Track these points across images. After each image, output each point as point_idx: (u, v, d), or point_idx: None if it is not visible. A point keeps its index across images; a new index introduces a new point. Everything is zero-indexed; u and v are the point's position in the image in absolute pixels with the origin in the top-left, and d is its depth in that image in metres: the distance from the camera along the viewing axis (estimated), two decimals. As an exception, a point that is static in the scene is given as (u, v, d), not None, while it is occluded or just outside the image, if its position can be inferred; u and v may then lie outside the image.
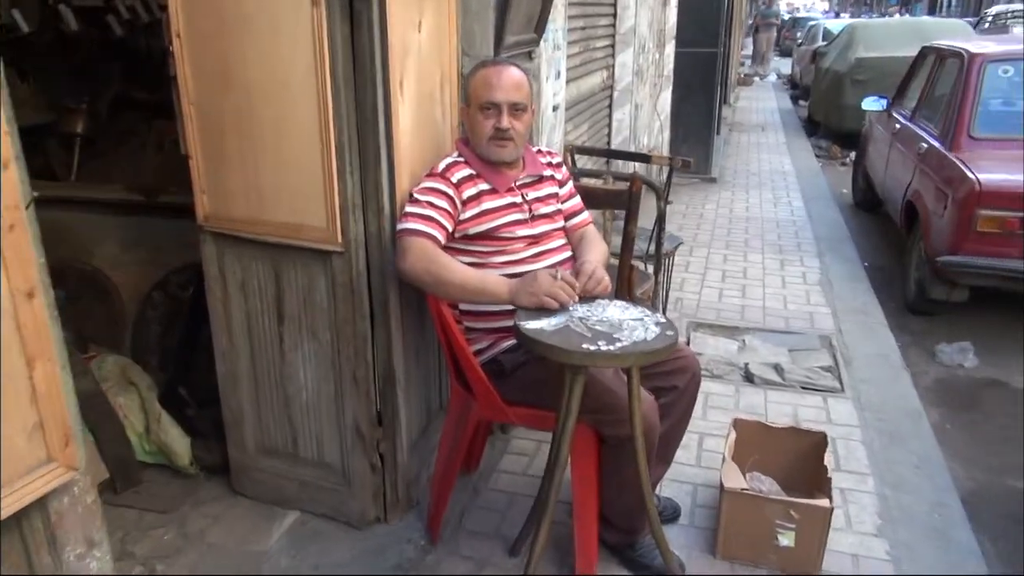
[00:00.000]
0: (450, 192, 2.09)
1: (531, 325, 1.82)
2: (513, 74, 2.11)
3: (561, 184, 2.34)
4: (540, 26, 2.94)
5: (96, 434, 2.64)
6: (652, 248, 3.31)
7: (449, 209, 2.08)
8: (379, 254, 2.18)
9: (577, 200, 2.38)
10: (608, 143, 5.37)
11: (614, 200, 2.62)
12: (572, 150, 3.45)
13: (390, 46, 2.02)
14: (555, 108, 3.39)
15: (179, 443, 2.72)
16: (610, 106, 5.38)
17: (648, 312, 1.93)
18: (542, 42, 3.05)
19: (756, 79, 18.57)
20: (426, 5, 2.22)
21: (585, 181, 3.08)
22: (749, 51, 22.15)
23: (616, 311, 1.92)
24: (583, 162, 4.02)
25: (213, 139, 2.20)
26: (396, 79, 2.07)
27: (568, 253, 2.28)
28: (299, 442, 2.48)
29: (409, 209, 2.07)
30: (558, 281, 1.91)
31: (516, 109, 2.10)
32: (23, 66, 3.62)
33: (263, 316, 2.38)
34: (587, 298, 1.99)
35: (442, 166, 2.14)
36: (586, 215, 2.38)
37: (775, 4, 20.33)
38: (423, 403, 2.60)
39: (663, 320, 1.88)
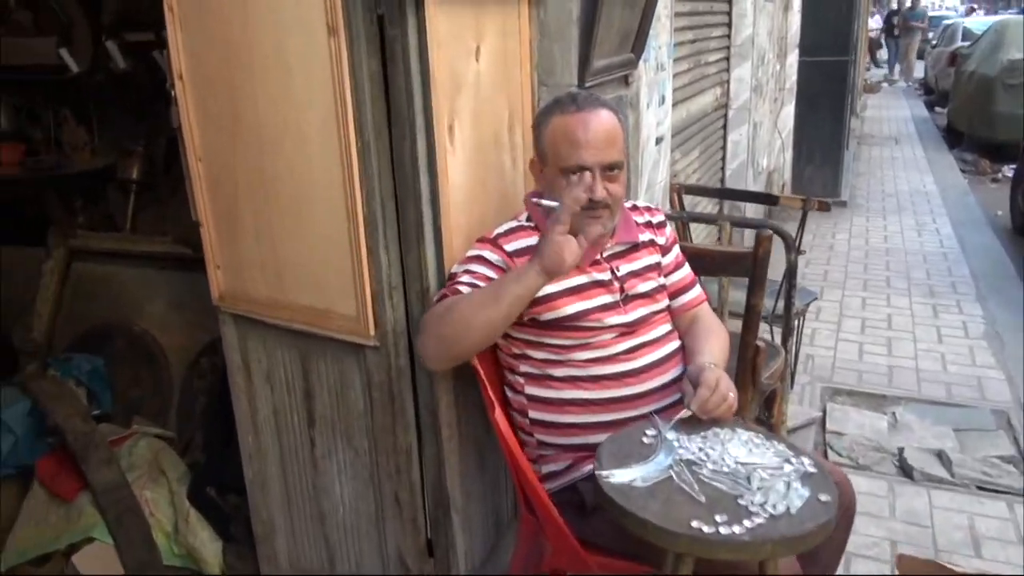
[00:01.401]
0: (500, 263, 1.58)
1: (618, 477, 1.27)
2: (604, 122, 1.57)
3: (664, 251, 1.78)
4: (638, 44, 2.39)
5: (116, 535, 2.28)
6: (777, 306, 2.69)
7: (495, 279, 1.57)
8: (425, 347, 1.68)
9: (686, 272, 1.81)
10: (723, 169, 4.73)
11: (734, 265, 2.03)
12: (680, 191, 2.87)
13: (435, 82, 1.53)
14: (659, 141, 2.82)
15: (209, 548, 2.32)
16: (724, 127, 4.73)
17: (789, 451, 1.35)
18: (641, 63, 2.50)
19: (884, 85, 17.17)
20: (485, 25, 1.72)
21: (695, 239, 2.49)
22: (879, 56, 20.62)
23: (742, 450, 1.35)
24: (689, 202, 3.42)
25: (225, 203, 1.78)
26: (443, 123, 1.58)
27: (675, 344, 1.72)
28: (336, 565, 2.02)
29: (443, 291, 1.58)
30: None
31: (611, 170, 1.57)
32: (81, 108, 3.39)
33: (292, 414, 1.93)
34: (694, 423, 1.43)
35: (497, 232, 1.63)
36: (698, 292, 1.81)
37: (919, 5, 18.50)
38: (490, 516, 2.08)
39: (813, 468, 1.29)
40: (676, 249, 1.81)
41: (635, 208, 1.80)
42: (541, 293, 1.57)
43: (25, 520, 2.44)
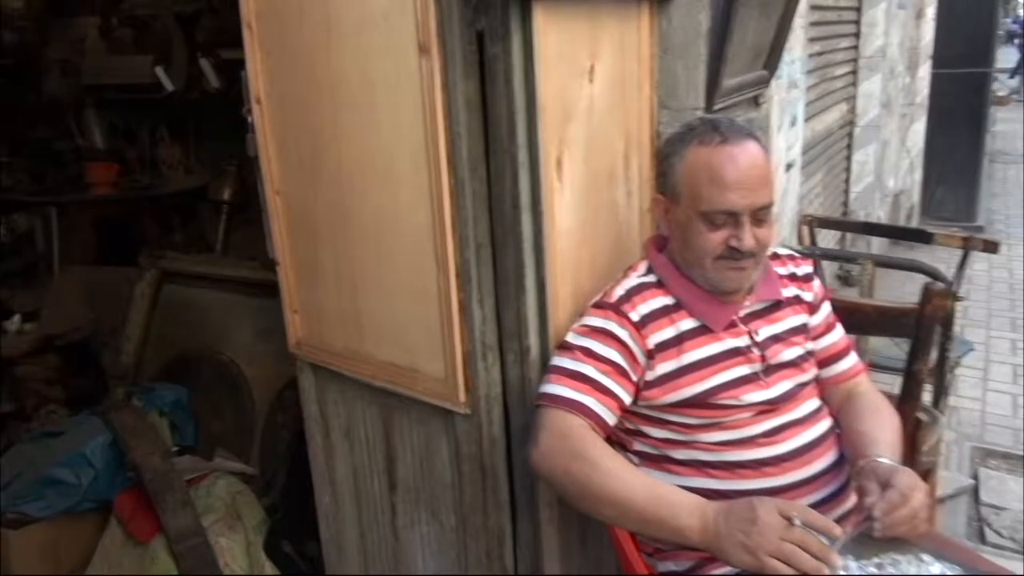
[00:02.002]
0: (626, 338, 1.31)
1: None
2: (754, 156, 1.28)
3: (813, 309, 1.47)
4: (772, 60, 2.09)
5: (188, 588, 2.14)
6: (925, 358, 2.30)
7: (623, 365, 1.30)
8: (523, 416, 1.44)
9: (839, 335, 1.50)
10: (846, 192, 4.31)
11: (895, 324, 1.69)
12: (812, 224, 2.52)
13: (542, 108, 1.29)
14: (788, 167, 2.49)
15: (282, 606, 2.15)
16: (849, 146, 4.32)
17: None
18: (773, 81, 2.19)
19: (1014, 97, 15.90)
20: (601, 41, 1.47)
21: (842, 291, 2.16)
22: (1007, 64, 19.14)
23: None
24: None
25: (304, 243, 1.59)
26: (551, 156, 1.34)
27: (826, 424, 1.41)
28: (417, 646, 1.80)
29: (557, 362, 1.32)
30: (797, 530, 1.06)
31: (761, 213, 1.28)
32: (176, 127, 3.35)
33: (372, 476, 1.73)
34: (865, 540, 1.13)
35: (618, 294, 1.36)
36: (854, 360, 1.49)
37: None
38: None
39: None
40: (827, 307, 1.50)
41: (776, 257, 1.50)
42: (661, 371, 1.31)
43: (100, 560, 2.34)
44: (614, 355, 1.29)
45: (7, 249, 2.98)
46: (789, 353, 1.39)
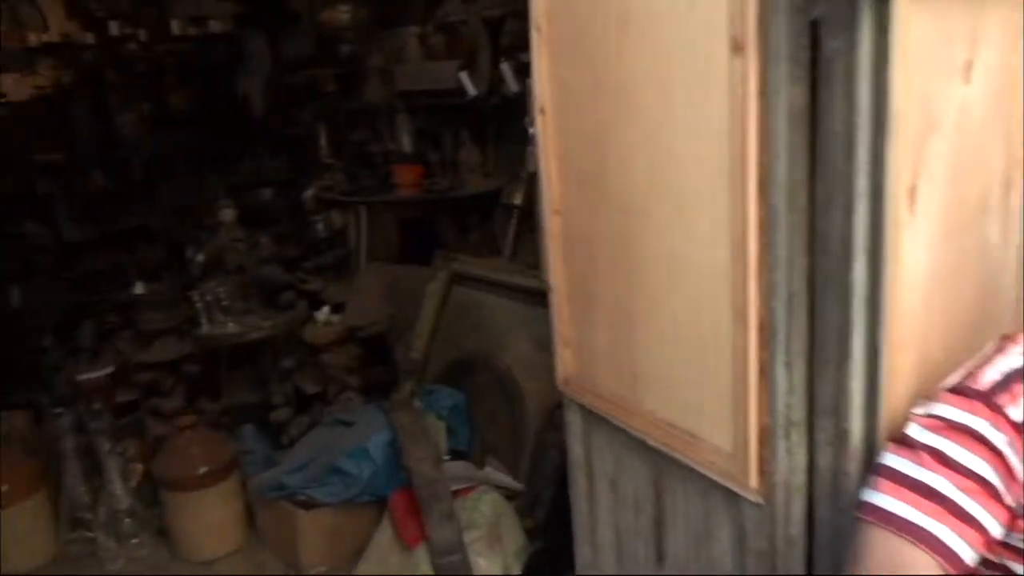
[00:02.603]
0: (1002, 444, 0.92)
1: None
2: None
3: None
4: None
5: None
6: None
7: (995, 482, 0.92)
8: (833, 518, 1.12)
9: None
10: None
11: None
12: None
13: (895, 118, 0.96)
14: None
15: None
16: None
17: None
18: None
19: None
20: (985, 27, 1.07)
21: None
22: None
23: None
24: None
25: (581, 272, 1.41)
26: (902, 181, 1.00)
27: None
28: None
29: (892, 462, 0.96)
30: None
31: None
32: (476, 131, 3.39)
33: (637, 539, 1.50)
34: None
35: (991, 377, 0.97)
36: None
37: None
38: None
39: None
40: None
41: None
42: None
43: (372, 555, 2.40)
44: (982, 467, 0.91)
45: (324, 244, 3.23)
46: None
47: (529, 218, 3.23)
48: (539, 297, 2.86)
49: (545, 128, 1.38)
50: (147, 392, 2.96)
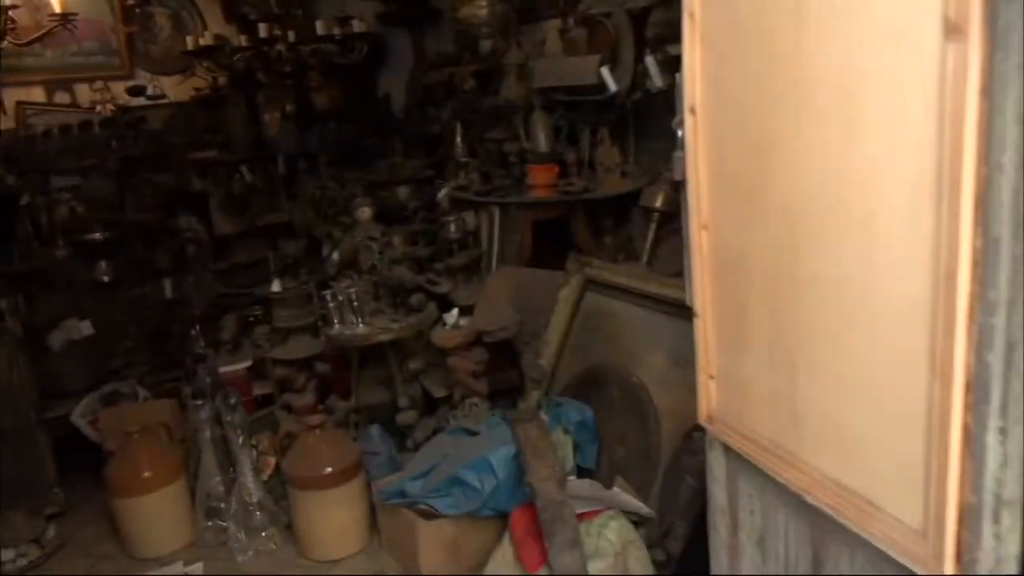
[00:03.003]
0: None
1: None
2: None
3: None
4: None
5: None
6: None
7: None
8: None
9: None
10: None
11: None
12: None
13: None
14: None
15: None
16: None
17: None
18: None
19: None
20: None
21: None
22: None
23: None
24: None
25: (732, 295, 1.22)
26: None
27: None
28: None
29: None
30: None
31: None
32: (617, 129, 3.21)
33: (788, 605, 1.30)
34: None
35: None
36: None
37: None
38: None
39: None
40: None
41: None
42: None
43: (490, 573, 2.30)
44: None
45: (455, 244, 3.16)
46: None
47: (669, 222, 3.03)
48: (678, 308, 2.67)
49: (695, 130, 1.20)
50: (281, 387, 3.00)
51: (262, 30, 3.34)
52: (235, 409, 2.73)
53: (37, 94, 4.00)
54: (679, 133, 1.21)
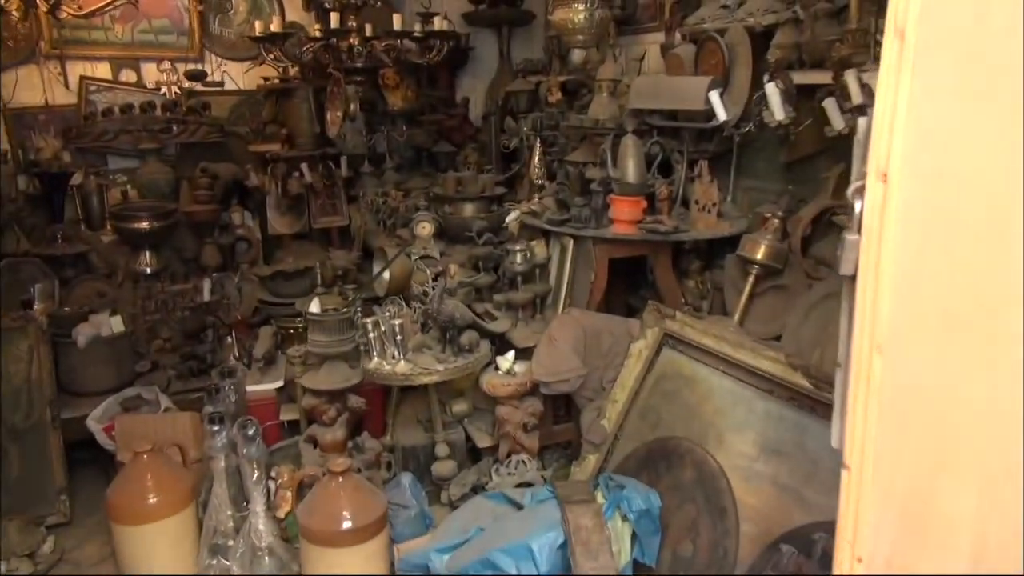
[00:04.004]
0: None
1: None
2: None
3: None
4: None
5: None
6: None
7: None
8: None
9: None
10: None
11: None
12: None
13: None
14: None
15: None
16: None
17: None
18: None
19: None
20: None
21: None
22: None
23: None
24: None
25: (915, 456, 0.81)
26: None
27: None
28: None
29: None
30: None
31: None
32: (718, 163, 2.79)
33: None
34: None
35: None
36: None
37: None
38: None
39: None
40: None
41: None
42: None
43: None
44: None
45: (520, 277, 2.79)
46: None
47: (771, 276, 2.59)
48: (774, 386, 2.25)
49: (884, 208, 0.79)
50: (309, 418, 2.69)
51: (334, 20, 3.04)
52: (253, 440, 2.42)
53: (103, 70, 3.81)
54: (856, 206, 0.80)
